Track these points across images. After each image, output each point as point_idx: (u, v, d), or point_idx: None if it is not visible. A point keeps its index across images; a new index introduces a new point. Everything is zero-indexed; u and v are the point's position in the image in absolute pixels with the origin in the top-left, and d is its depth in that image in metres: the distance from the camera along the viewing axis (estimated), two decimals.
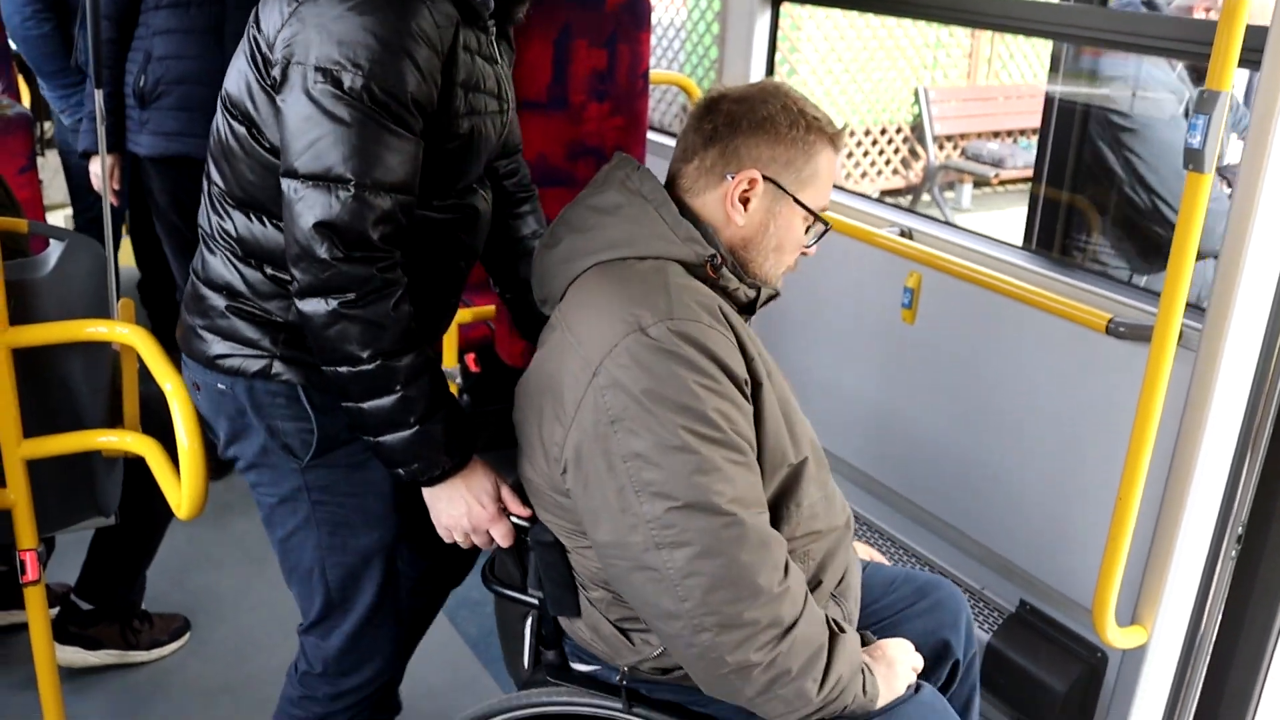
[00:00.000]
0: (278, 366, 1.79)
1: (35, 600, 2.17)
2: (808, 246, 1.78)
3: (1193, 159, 1.86)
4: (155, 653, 2.90)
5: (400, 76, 1.60)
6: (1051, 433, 2.45)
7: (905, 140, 8.72)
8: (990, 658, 2.51)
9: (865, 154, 8.57)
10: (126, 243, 4.57)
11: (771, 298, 1.78)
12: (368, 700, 2.09)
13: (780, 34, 3.25)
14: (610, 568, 1.61)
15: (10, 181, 2.82)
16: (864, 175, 8.58)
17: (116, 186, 3.65)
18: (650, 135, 3.20)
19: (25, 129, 3.24)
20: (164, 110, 3.41)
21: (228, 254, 1.79)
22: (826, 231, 1.78)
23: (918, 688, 1.75)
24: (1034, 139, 8.31)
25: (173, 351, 1.99)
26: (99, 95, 3.05)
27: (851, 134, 8.46)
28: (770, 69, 3.26)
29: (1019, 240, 4.29)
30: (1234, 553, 2.19)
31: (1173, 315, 1.94)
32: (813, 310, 3.03)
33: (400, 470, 1.74)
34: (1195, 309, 2.12)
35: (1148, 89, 4.10)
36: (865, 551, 2.10)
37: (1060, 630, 2.44)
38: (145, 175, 3.52)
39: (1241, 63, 1.83)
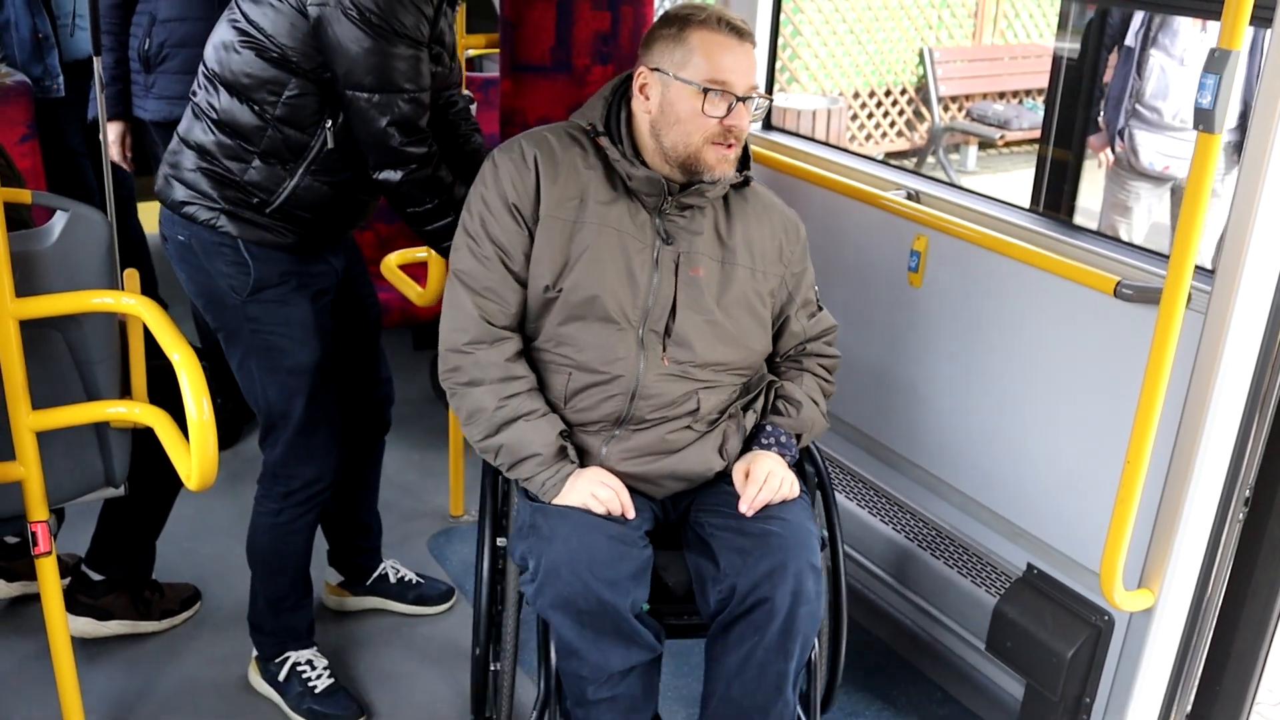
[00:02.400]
0: (222, 220, 2.33)
1: (48, 572, 2.18)
2: (721, 117, 2.07)
3: (1203, 119, 1.84)
4: (166, 622, 2.92)
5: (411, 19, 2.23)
6: (1059, 396, 2.45)
7: (910, 102, 8.66)
8: (997, 621, 2.52)
9: (870, 116, 8.52)
10: (148, 206, 4.57)
11: (667, 192, 2.13)
12: (312, 498, 2.58)
13: None
14: None
15: (11, 150, 2.81)
16: (868, 138, 8.53)
17: (128, 154, 3.66)
18: None
19: (25, 96, 3.22)
20: (169, 74, 3.40)
21: (209, 122, 2.30)
22: (726, 104, 2.07)
23: (614, 517, 2.08)
24: (1040, 100, 8.26)
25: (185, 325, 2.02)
26: (97, 63, 3.04)
27: (856, 96, 8.41)
28: (775, 29, 3.24)
29: (1026, 203, 4.28)
30: (1241, 515, 2.19)
31: (1181, 277, 1.93)
32: (819, 273, 3.01)
33: (439, 239, 2.43)
34: (1204, 271, 2.11)
35: None
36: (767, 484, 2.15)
37: (1067, 594, 2.45)
38: (151, 141, 3.52)
39: (1253, 20, 1.81)
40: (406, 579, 3.07)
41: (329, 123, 2.31)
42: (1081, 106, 4.28)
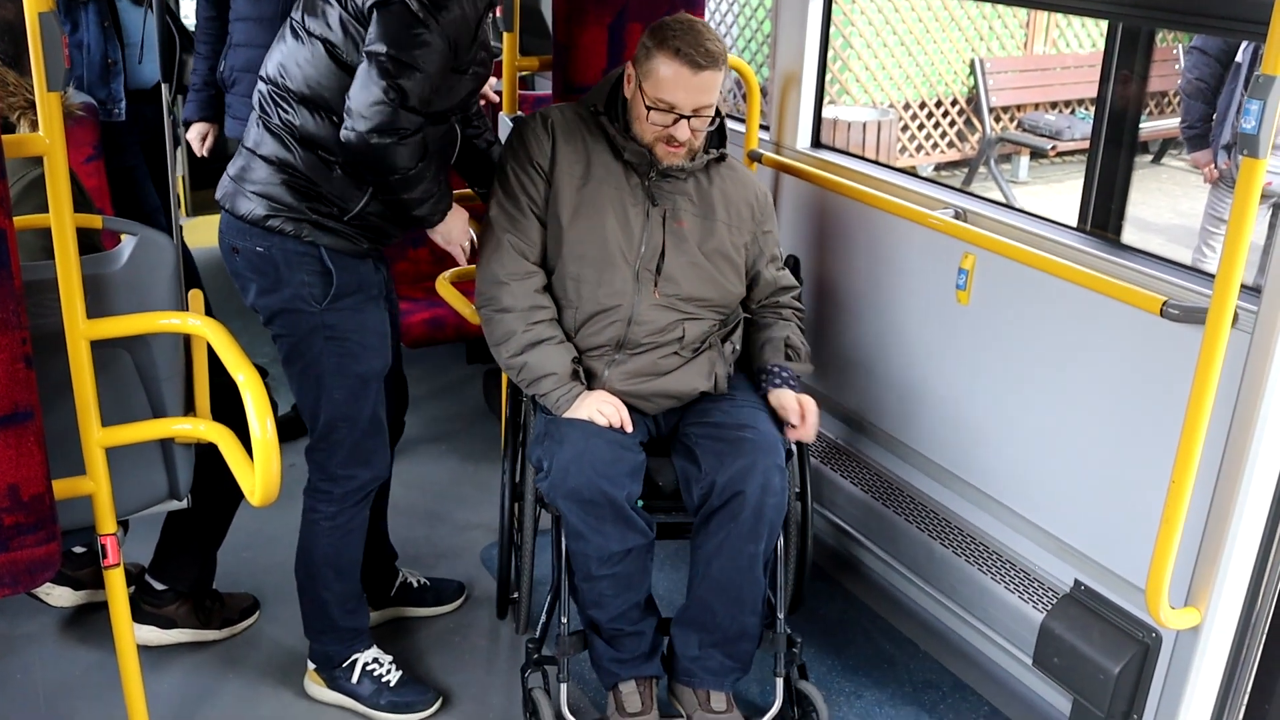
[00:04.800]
0: (307, 230, 2.41)
1: (115, 583, 2.25)
2: (665, 126, 2.49)
3: (1247, 144, 1.85)
4: (226, 631, 2.99)
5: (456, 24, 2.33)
6: (1106, 414, 2.45)
7: (961, 113, 8.63)
8: (1044, 636, 2.53)
9: (920, 127, 8.49)
10: (195, 223, 4.69)
11: (653, 165, 2.56)
12: (367, 496, 2.68)
13: (834, 7, 3.25)
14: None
15: (77, 170, 2.88)
16: (919, 149, 8.50)
17: (206, 152, 3.87)
18: None
19: (92, 119, 3.31)
20: (238, 96, 3.52)
21: (288, 138, 2.39)
22: (671, 118, 2.48)
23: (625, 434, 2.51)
24: (1093, 110, 8.20)
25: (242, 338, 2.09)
26: (165, 89, 3.15)
27: (906, 107, 8.39)
28: (825, 44, 3.27)
29: (1075, 213, 4.27)
30: None
31: (1228, 297, 1.94)
32: (868, 291, 3.05)
33: (430, 216, 2.50)
34: (1250, 290, 2.12)
35: None
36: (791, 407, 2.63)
37: (1114, 610, 2.45)
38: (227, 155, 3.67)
39: None
40: (423, 583, 3.15)
41: None
42: (1130, 117, 4.26)
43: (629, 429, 2.52)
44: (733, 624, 2.55)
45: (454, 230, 2.62)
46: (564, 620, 2.55)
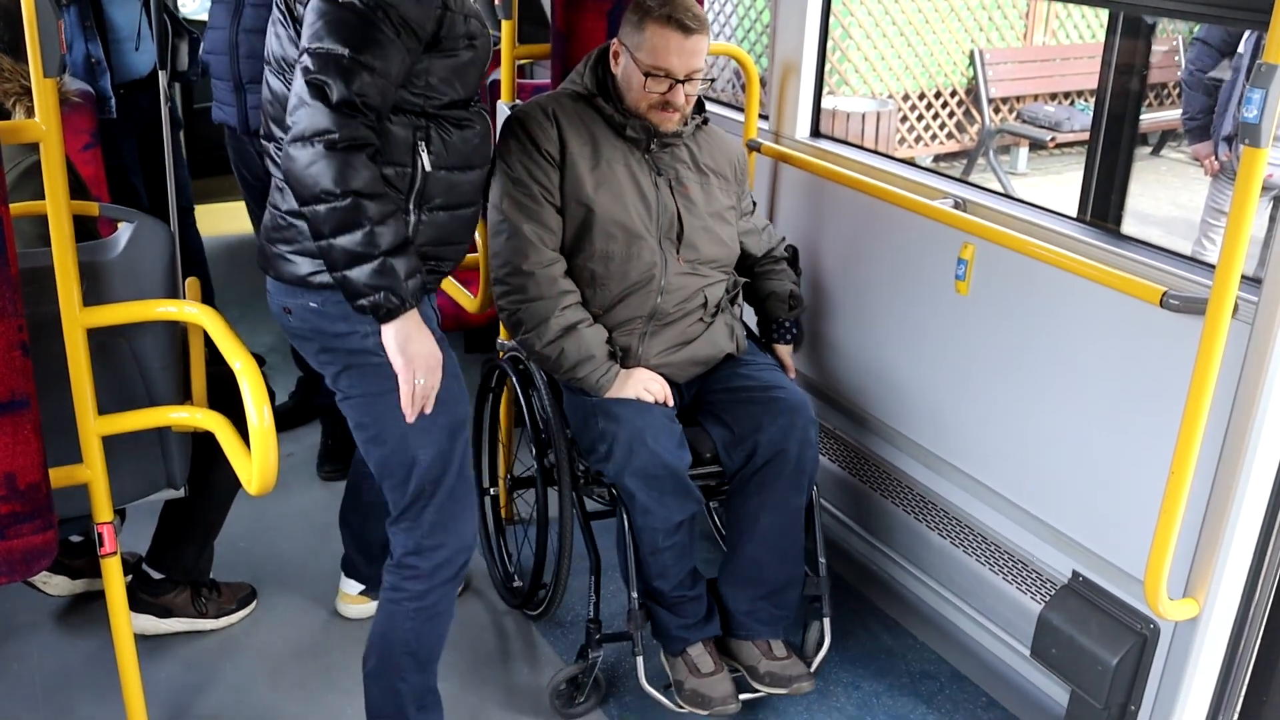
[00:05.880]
0: None
1: (112, 571, 2.24)
2: (661, 93, 2.57)
3: (1249, 133, 1.84)
4: (224, 620, 2.99)
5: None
6: (1105, 405, 2.45)
7: (960, 104, 8.61)
8: (1042, 628, 2.53)
9: (919, 118, 8.47)
10: (205, 210, 4.69)
11: (656, 135, 2.64)
12: (461, 568, 2.38)
13: None
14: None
15: (74, 158, 2.88)
16: (918, 140, 8.49)
17: None
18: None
19: (88, 105, 3.30)
20: (215, 80, 3.53)
21: None
22: (666, 84, 2.56)
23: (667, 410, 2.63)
24: (1092, 101, 8.19)
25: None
26: (163, 76, 3.15)
27: (905, 98, 8.38)
28: (824, 33, 3.25)
29: (1074, 204, 4.26)
30: None
31: (1228, 287, 1.94)
32: (867, 280, 3.04)
33: (364, 302, 2.01)
34: (1251, 281, 2.11)
35: None
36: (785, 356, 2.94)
37: (1112, 601, 2.45)
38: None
39: None
40: None
41: (421, 145, 2.14)
42: (1130, 109, 4.25)
43: (671, 403, 2.64)
44: (780, 574, 2.69)
45: (418, 349, 2.10)
46: (633, 595, 2.62)
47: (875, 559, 3.16)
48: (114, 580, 2.26)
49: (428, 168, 2.14)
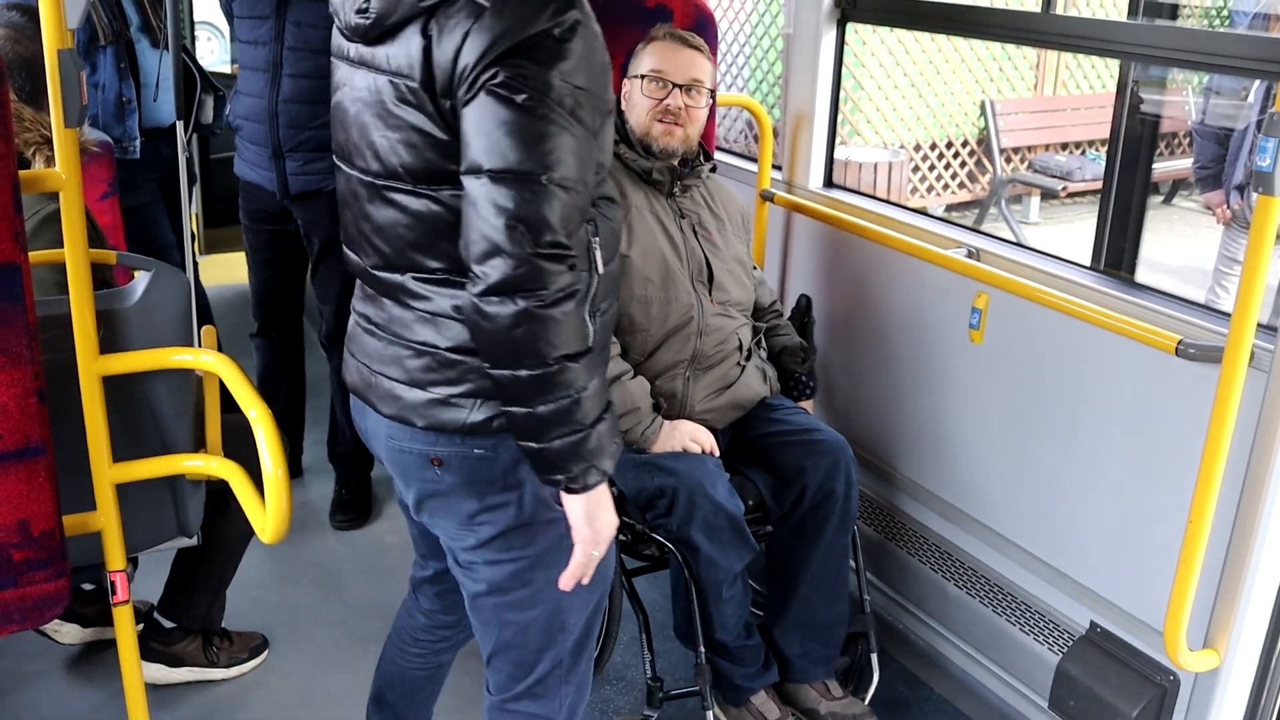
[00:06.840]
0: None
1: (124, 620, 2.23)
2: (660, 98, 2.61)
3: (1263, 182, 1.85)
4: (235, 670, 2.97)
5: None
6: (1122, 454, 2.44)
7: (972, 154, 8.65)
8: (1060, 679, 2.50)
9: (931, 168, 8.51)
10: (208, 261, 4.71)
11: (678, 178, 2.67)
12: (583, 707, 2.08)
13: (845, 48, 3.26)
14: None
15: (92, 207, 2.90)
16: (930, 190, 8.52)
17: None
18: (717, 155, 3.23)
19: (108, 156, 3.34)
20: (244, 141, 3.57)
21: (451, 317, 1.74)
22: (665, 89, 2.61)
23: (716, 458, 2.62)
24: (1104, 150, 8.22)
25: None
26: (180, 127, 3.18)
27: (917, 148, 8.42)
28: (837, 84, 3.27)
29: (1088, 253, 4.27)
30: None
31: (1244, 335, 1.94)
32: (881, 330, 3.04)
33: (558, 476, 1.70)
34: (1266, 329, 2.11)
35: None
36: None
37: (1131, 653, 2.43)
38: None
39: None
40: None
41: (594, 241, 1.77)
42: (1143, 159, 4.26)
43: (718, 453, 2.64)
44: (829, 614, 2.72)
45: (607, 518, 1.78)
46: (701, 650, 2.58)
47: (890, 609, 3.14)
48: (125, 628, 2.24)
49: (600, 269, 1.78)
